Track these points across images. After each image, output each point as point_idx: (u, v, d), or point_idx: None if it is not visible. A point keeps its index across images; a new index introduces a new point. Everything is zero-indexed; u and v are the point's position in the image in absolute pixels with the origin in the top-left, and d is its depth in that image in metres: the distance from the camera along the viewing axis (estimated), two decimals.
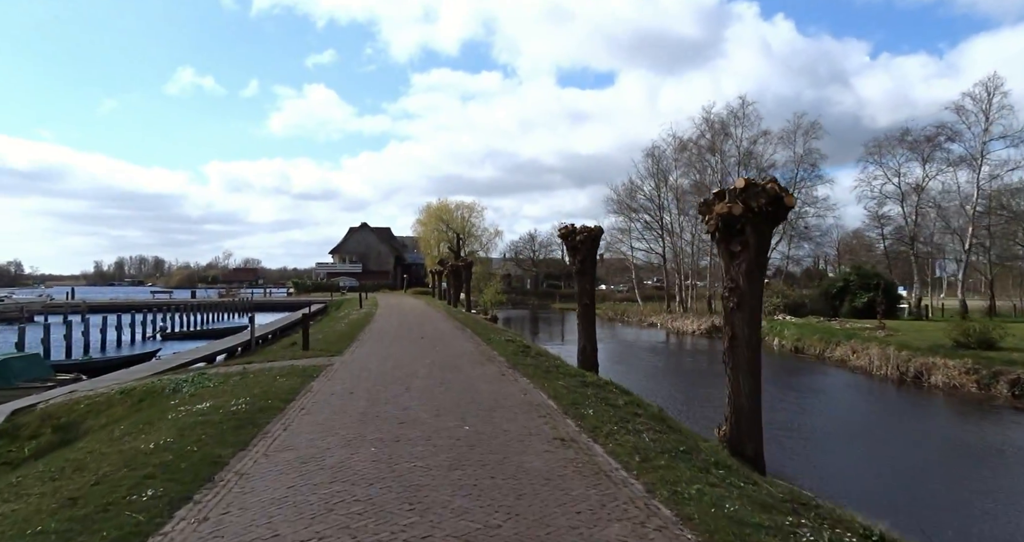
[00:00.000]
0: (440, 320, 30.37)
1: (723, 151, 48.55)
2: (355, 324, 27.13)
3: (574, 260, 15.88)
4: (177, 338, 36.77)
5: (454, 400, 9.97)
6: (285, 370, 13.51)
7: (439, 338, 20.96)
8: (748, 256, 7.91)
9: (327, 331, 24.42)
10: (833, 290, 42.59)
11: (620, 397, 11.10)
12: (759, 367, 8.10)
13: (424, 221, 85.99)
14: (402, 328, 25.37)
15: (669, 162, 55.92)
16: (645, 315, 56.85)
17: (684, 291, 55.94)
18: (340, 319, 32.76)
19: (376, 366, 14.12)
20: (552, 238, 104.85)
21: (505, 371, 13.48)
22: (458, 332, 23.71)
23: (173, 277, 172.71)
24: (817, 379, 26.94)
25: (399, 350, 17.29)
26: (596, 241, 15.83)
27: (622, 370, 25.95)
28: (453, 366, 14.06)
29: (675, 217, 56.51)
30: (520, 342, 21.01)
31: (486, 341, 20.24)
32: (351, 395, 10.50)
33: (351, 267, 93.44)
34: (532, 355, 16.69)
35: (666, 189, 56.22)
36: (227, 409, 9.20)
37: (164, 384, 12.59)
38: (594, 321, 16.04)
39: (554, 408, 9.49)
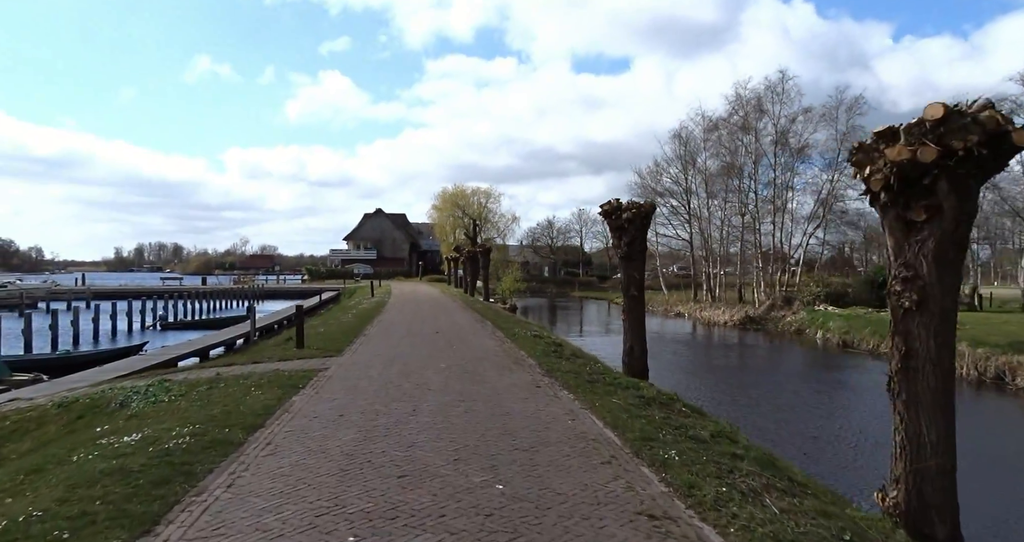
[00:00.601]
0: (457, 310, 27.67)
1: (757, 130, 45.15)
2: (363, 315, 24.51)
3: (619, 243, 13.03)
4: (177, 328, 34.50)
5: (478, 431, 7.22)
6: (267, 377, 10.85)
7: (456, 333, 18.24)
8: (940, 228, 5.02)
9: (331, 323, 21.81)
10: (880, 278, 39.22)
11: (699, 422, 8.28)
12: (952, 404, 5.22)
13: (440, 207, 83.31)
14: (415, 320, 22.69)
15: (697, 143, 52.60)
16: (671, 304, 53.78)
17: (712, 279, 52.75)
18: (349, 309, 30.19)
19: (379, 372, 11.41)
20: (570, 225, 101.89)
21: (539, 380, 10.71)
22: (477, 325, 20.98)
23: (191, 263, 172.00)
24: (880, 379, 23.85)
25: (409, 349, 14.58)
26: (647, 220, 12.96)
27: (659, 368, 23.08)
28: (474, 373, 11.31)
29: (703, 201, 53.26)
30: (549, 338, 18.24)
31: (510, 337, 17.49)
32: (339, 420, 7.79)
33: (366, 254, 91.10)
34: (567, 356, 13.91)
35: (694, 172, 52.94)
36: (163, 444, 6.53)
37: (114, 395, 9.99)
38: (644, 317, 13.22)
39: (618, 445, 6.70)
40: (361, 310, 27.60)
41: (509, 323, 22.21)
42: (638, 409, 8.57)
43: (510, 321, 23.43)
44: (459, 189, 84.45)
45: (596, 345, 29.02)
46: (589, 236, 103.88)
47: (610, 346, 29.89)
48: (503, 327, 20.24)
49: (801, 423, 16.15)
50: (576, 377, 10.97)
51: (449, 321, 22.36)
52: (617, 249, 13.15)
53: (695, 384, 21.43)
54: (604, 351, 26.46)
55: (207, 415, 7.96)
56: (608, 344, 31.05)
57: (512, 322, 23.06)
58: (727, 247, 53.45)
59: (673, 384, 18.72)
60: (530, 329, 20.59)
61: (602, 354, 21.79)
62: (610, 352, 26.69)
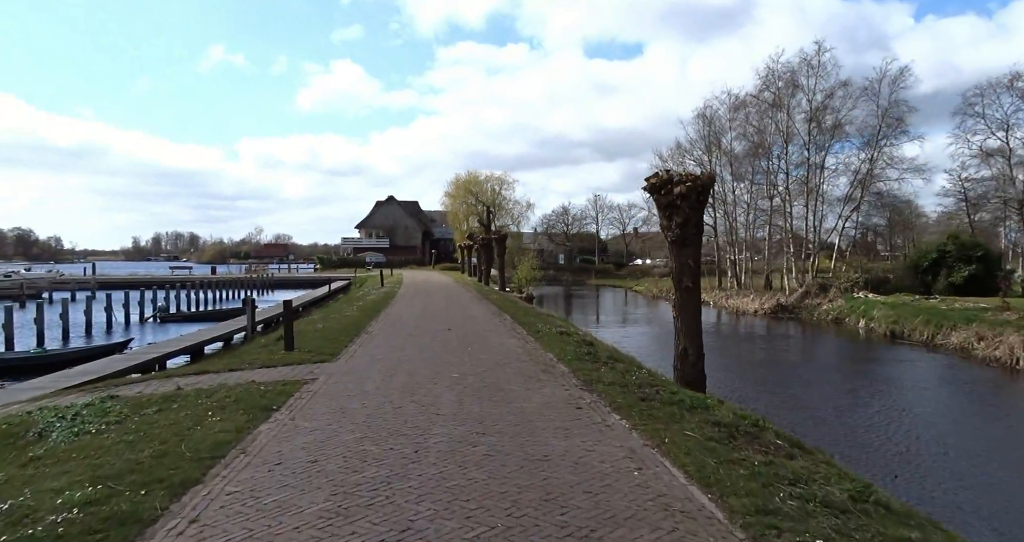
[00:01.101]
0: (471, 302, 25.38)
1: (790, 107, 42.14)
2: (369, 308, 22.28)
3: (669, 225, 10.58)
4: (177, 320, 32.54)
5: (508, 495, 4.88)
6: (237, 392, 8.60)
7: (471, 329, 15.94)
8: None
9: (332, 318, 19.60)
10: (924, 263, 36.41)
11: (816, 470, 5.87)
12: None
13: (453, 194, 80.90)
14: (425, 314, 20.43)
15: (723, 123, 49.59)
16: None
17: (737, 266, 49.99)
18: (355, 300, 28.00)
19: (377, 386, 9.11)
20: (586, 211, 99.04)
21: (578, 396, 8.37)
22: (495, 319, 18.67)
23: (206, 252, 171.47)
24: (952, 374, 21.23)
25: (417, 352, 12.29)
26: (704, 195, 10.51)
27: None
28: (495, 386, 8.99)
29: (728, 184, 50.32)
30: (577, 334, 15.91)
31: (533, 333, 15.17)
32: (309, 469, 5.50)
33: (378, 242, 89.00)
34: (603, 360, 11.56)
35: (718, 153, 49.97)
36: (24, 529, 4.26)
37: (38, 419, 7.78)
38: (699, 313, 10.81)
39: (725, 528, 4.33)
40: (368, 302, 25.39)
41: (529, 316, 19.88)
42: (723, 446, 6.21)
43: (530, 314, 21.10)
44: (472, 176, 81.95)
45: (621, 338, 26.68)
46: (605, 223, 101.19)
47: (637, 338, 27.50)
48: (523, 321, 17.91)
49: (876, 432, 13.68)
50: (624, 391, 8.61)
51: (463, 314, 20.07)
52: (667, 232, 10.70)
53: (739, 384, 18.98)
54: (631, 345, 24.09)
55: (130, 461, 5.70)
56: (633, 336, 28.68)
57: (532, 315, 20.73)
58: (753, 232, 50.64)
59: (716, 385, 16.32)
60: (553, 323, 18.25)
61: (630, 349, 19.50)
62: (638, 346, 24.35)
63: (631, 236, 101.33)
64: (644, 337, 29.32)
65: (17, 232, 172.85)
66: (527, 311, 22.18)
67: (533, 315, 20.63)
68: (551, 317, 21.25)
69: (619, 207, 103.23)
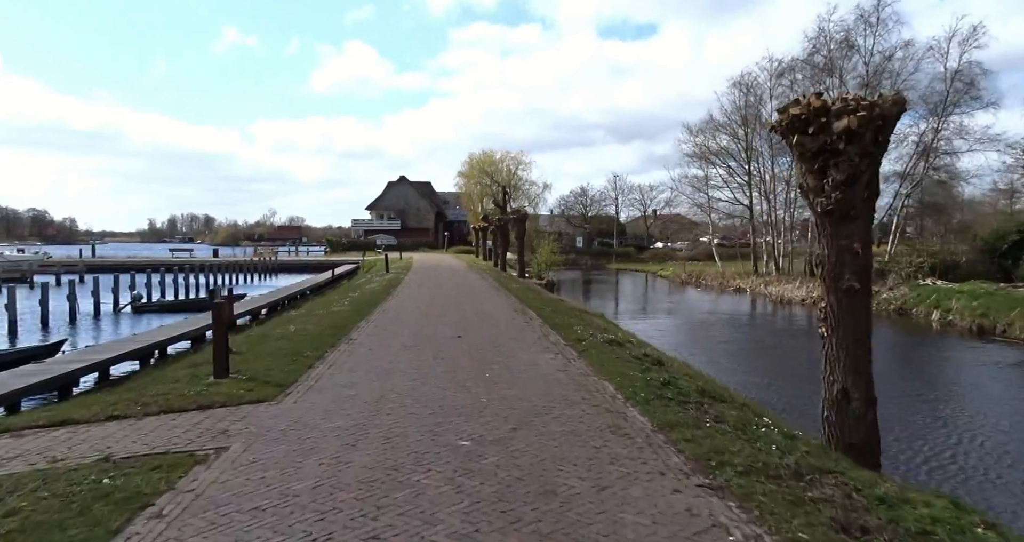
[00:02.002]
0: (487, 293, 21.19)
1: (843, 71, 37.01)
2: (364, 302, 18.17)
3: (819, 183, 6.30)
4: (153, 311, 28.68)
5: None
6: (40, 500, 4.46)
7: (489, 338, 11.74)
8: None
9: (315, 315, 15.51)
10: (1002, 246, 31.62)
11: None
12: None
13: (467, 174, 76.57)
14: (431, 311, 16.24)
15: (763, 92, 44.56)
16: (727, 279, 46.56)
17: (777, 250, 45.29)
18: (353, 289, 23.93)
19: (318, 479, 4.91)
20: (605, 193, 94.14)
21: (710, 515, 4.10)
22: (518, 319, 14.45)
23: (219, 234, 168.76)
24: None
25: (407, 384, 8.08)
26: (886, 132, 6.19)
27: (758, 367, 16.37)
28: (539, 483, 4.72)
29: (768, 161, 45.47)
30: (631, 343, 11.66)
31: (572, 343, 10.97)
32: None
33: (389, 224, 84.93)
34: (695, 399, 7.32)
35: (758, 126, 44.97)
36: None
37: None
38: (868, 332, 6.47)
39: None
40: (366, 293, 21.28)
41: (560, 314, 15.66)
42: None
43: (560, 310, 16.85)
44: (487, 155, 77.46)
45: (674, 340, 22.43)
46: (625, 204, 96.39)
47: (668, 333, 22.94)
48: (556, 323, 13.70)
49: None
50: (787, 499, 4.36)
51: (477, 312, 15.88)
52: (816, 197, 6.38)
53: None
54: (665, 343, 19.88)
55: None
56: (663, 329, 24.25)
57: (563, 311, 16.49)
58: (794, 212, 45.79)
59: (794, 401, 12.12)
60: (593, 324, 14.05)
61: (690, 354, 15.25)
62: (669, 345, 20.09)
63: (652, 218, 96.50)
64: (697, 334, 24.99)
65: (32, 213, 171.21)
66: (555, 306, 17.93)
67: (564, 311, 16.39)
68: (586, 314, 17.00)
69: (640, 188, 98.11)
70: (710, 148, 48.78)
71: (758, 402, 9.32)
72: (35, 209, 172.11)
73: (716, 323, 28.23)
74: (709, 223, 53.56)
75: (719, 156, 48.37)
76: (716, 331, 25.24)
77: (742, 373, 16.43)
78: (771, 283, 41.28)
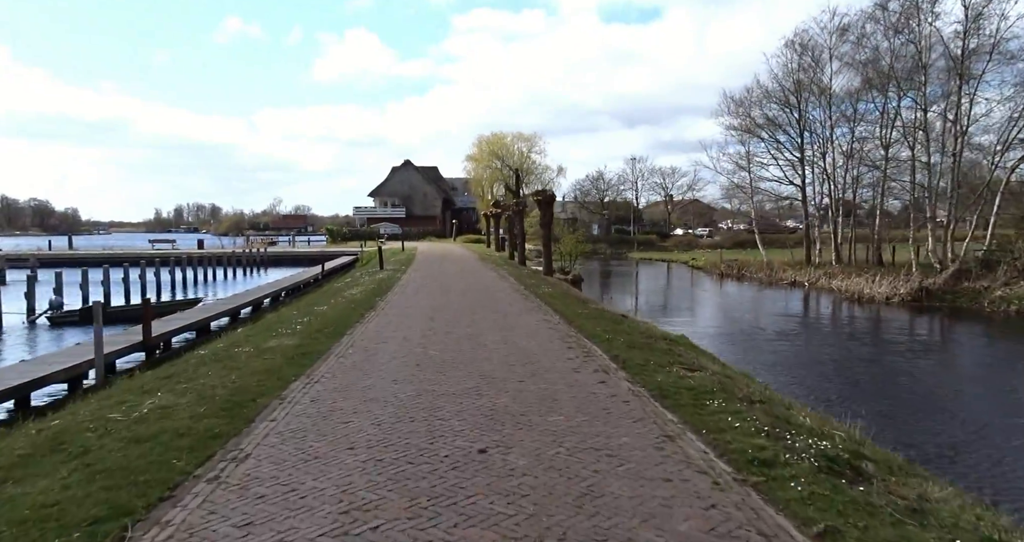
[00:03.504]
0: (513, 303, 14.74)
1: (934, 16, 30.03)
2: (330, 323, 11.74)
3: None
4: (75, 323, 22.22)
5: None
6: None
7: (555, 440, 5.22)
8: None
9: (227, 358, 9.08)
10: None
11: None
12: None
13: (476, 157, 70.00)
14: (426, 352, 9.64)
15: (822, 52, 37.55)
16: (776, 270, 39.87)
17: (839, 236, 38.55)
18: (332, 295, 17.58)
19: None
20: (624, 176, 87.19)
21: None
22: (588, 376, 7.79)
23: (223, 224, 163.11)
24: None
25: None
26: None
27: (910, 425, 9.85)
28: None
29: (826, 132, 38.56)
30: (826, 439, 5.16)
31: (737, 461, 4.47)
32: None
33: (393, 212, 78.44)
34: None
35: (814, 88, 38.07)
36: None
37: None
38: None
39: None
40: (340, 304, 14.92)
41: (641, 349, 9.23)
42: None
43: (636, 343, 10.33)
44: (497, 137, 70.82)
45: (737, 354, 16.11)
46: (645, 189, 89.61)
47: (752, 349, 15.91)
48: (661, 384, 7.21)
49: None
50: None
51: (507, 351, 9.39)
52: None
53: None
54: (752, 364, 13.57)
55: None
56: (743, 343, 17.44)
57: (644, 345, 10.00)
58: (855, 192, 39.00)
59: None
60: (710, 376, 7.65)
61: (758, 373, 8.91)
62: (762, 367, 13.65)
63: (673, 203, 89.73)
64: (790, 352, 18.50)
65: (34, 203, 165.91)
66: (619, 327, 11.40)
67: (643, 344, 9.88)
68: (678, 347, 10.46)
69: (661, 171, 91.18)
70: (754, 120, 41.90)
71: None
72: (36, 199, 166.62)
73: (799, 332, 21.73)
74: (752, 206, 46.66)
75: (766, 128, 41.47)
76: (813, 345, 18.75)
77: (898, 428, 10.03)
78: (835, 276, 34.63)
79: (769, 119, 41.23)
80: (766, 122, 41.42)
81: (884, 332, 22.24)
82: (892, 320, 24.42)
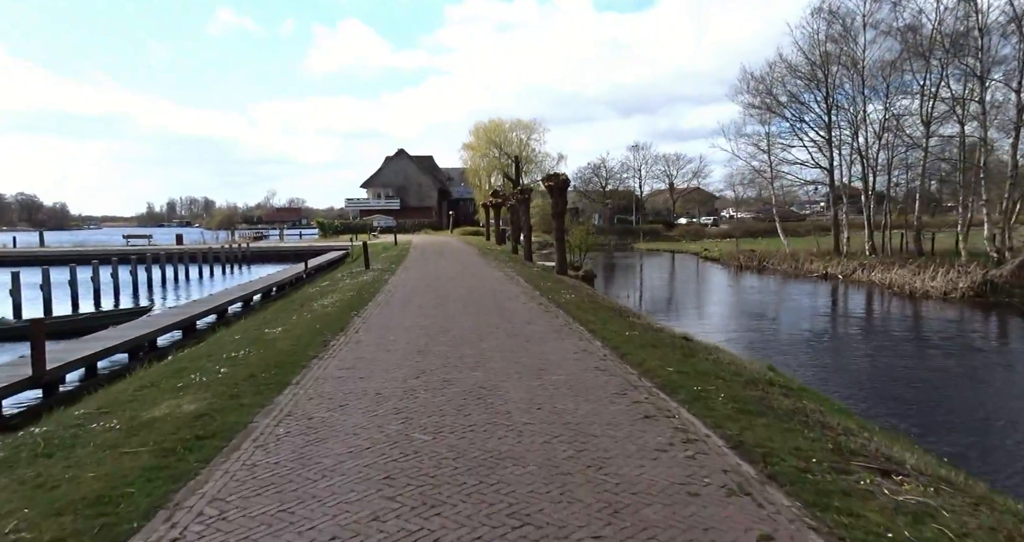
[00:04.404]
0: (527, 312, 10.99)
1: None
2: (293, 346, 8.02)
3: None
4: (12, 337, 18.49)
5: None
6: None
7: None
8: None
9: (149, 395, 5.41)
10: None
11: None
12: None
13: (473, 146, 66.11)
14: (414, 394, 5.94)
15: (854, 19, 33.71)
16: (801, 261, 36.21)
17: (872, 223, 34.90)
18: (301, 304, 13.84)
19: None
20: (628, 163, 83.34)
21: None
22: (685, 458, 4.08)
23: (215, 218, 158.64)
24: None
25: None
26: None
27: None
28: None
29: (857, 109, 34.81)
30: None
31: None
32: None
33: (387, 203, 74.46)
34: None
35: (850, 67, 34.25)
36: None
37: None
38: None
39: None
40: (308, 321, 11.16)
41: (771, 418, 5.57)
42: None
43: (739, 395, 6.65)
44: (496, 123, 66.91)
45: (805, 373, 12.51)
46: (649, 177, 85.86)
47: (822, 366, 11.96)
48: (820, 492, 3.55)
49: None
50: None
51: (528, 401, 5.72)
52: None
53: None
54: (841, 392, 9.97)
55: None
56: (806, 358, 13.58)
57: (782, 415, 6.33)
58: (889, 173, 35.35)
59: None
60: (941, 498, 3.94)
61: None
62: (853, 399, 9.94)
63: (678, 191, 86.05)
64: (860, 365, 14.85)
65: (21, 198, 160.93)
66: (726, 384, 7.72)
67: (796, 420, 6.18)
68: (839, 417, 6.74)
69: (665, 158, 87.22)
70: (774, 96, 38.11)
71: None
72: (24, 194, 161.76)
73: (864, 338, 18.08)
74: (772, 192, 42.91)
75: (789, 107, 37.70)
76: (885, 355, 15.09)
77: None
78: (872, 267, 31.03)
79: (793, 96, 37.44)
80: (789, 99, 37.64)
81: (966, 337, 18.55)
82: (966, 321, 20.79)
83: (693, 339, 10.00)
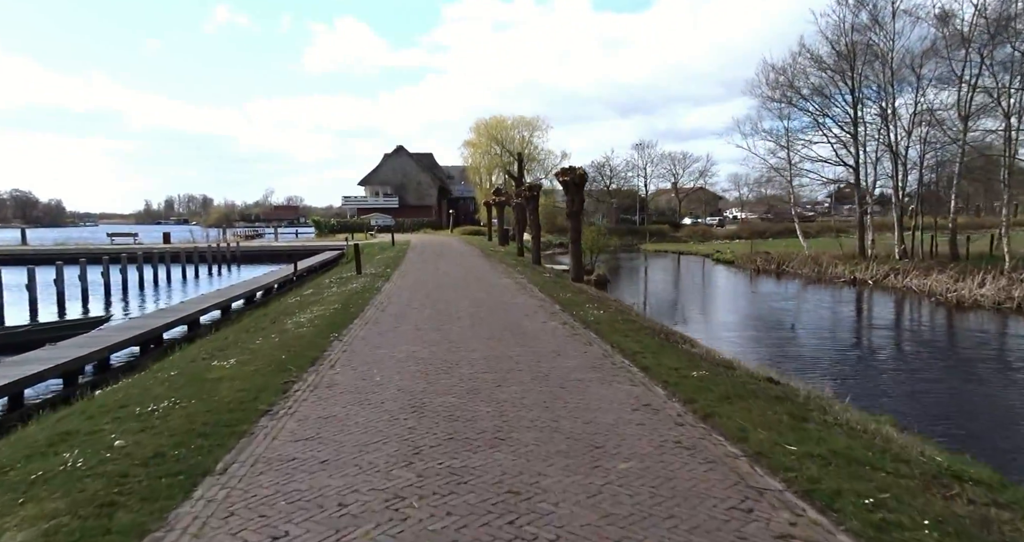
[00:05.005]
0: (552, 336, 8.50)
1: None
2: (244, 389, 5.51)
3: None
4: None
5: None
6: None
7: None
8: None
9: None
10: None
11: None
12: None
13: (474, 143, 63.80)
14: (401, 516, 3.54)
15: (883, 6, 31.23)
16: (825, 264, 33.74)
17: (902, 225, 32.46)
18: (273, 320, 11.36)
19: None
20: (633, 162, 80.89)
21: None
22: None
23: (212, 216, 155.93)
24: None
25: None
26: None
27: None
28: None
29: (887, 103, 32.33)
30: None
31: None
32: None
33: (386, 202, 71.88)
34: None
35: (880, 57, 31.76)
36: None
37: None
38: None
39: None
40: (274, 347, 8.66)
41: None
42: None
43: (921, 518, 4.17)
44: (498, 120, 64.65)
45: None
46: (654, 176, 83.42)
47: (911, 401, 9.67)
48: None
49: None
50: None
51: (594, 534, 3.28)
52: None
53: None
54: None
55: None
56: (864, 377, 11.07)
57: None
58: (921, 171, 32.89)
59: None
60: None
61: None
62: None
63: (683, 191, 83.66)
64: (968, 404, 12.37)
65: (16, 194, 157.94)
66: (876, 483, 5.29)
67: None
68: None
69: (671, 156, 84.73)
70: (796, 89, 35.64)
71: None
72: (19, 190, 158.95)
73: (922, 356, 15.58)
74: (791, 191, 40.43)
75: (812, 101, 35.23)
76: (958, 378, 12.63)
77: None
78: (906, 272, 28.58)
79: (816, 89, 34.95)
80: (811, 92, 35.15)
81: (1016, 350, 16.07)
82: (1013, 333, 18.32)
83: (782, 383, 7.48)
